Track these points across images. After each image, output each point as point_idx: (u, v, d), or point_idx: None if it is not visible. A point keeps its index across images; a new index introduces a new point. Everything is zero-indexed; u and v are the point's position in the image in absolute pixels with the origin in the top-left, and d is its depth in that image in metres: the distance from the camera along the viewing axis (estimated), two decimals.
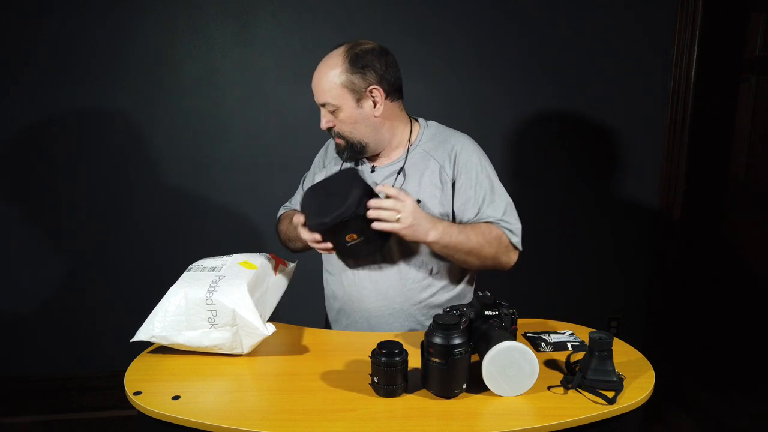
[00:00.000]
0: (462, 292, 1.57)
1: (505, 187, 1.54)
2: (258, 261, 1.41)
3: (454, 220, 1.49)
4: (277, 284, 1.45)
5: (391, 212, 1.31)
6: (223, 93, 2.35)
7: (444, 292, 1.53)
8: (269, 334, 1.27)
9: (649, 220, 2.64)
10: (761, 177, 2.32)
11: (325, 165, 1.63)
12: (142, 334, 1.28)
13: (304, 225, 1.39)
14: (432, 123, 1.58)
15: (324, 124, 1.47)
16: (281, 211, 1.74)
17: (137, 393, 1.16)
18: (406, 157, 1.51)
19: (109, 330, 2.43)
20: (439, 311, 1.53)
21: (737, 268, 2.47)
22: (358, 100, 1.43)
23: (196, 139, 2.36)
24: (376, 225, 1.32)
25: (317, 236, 1.37)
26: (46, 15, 2.20)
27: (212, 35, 2.30)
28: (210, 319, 1.25)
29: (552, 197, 2.56)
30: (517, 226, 1.50)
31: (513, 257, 1.51)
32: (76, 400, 2.48)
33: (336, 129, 1.47)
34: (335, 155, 1.58)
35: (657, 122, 2.54)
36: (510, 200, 1.52)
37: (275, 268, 1.45)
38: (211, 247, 2.41)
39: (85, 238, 2.38)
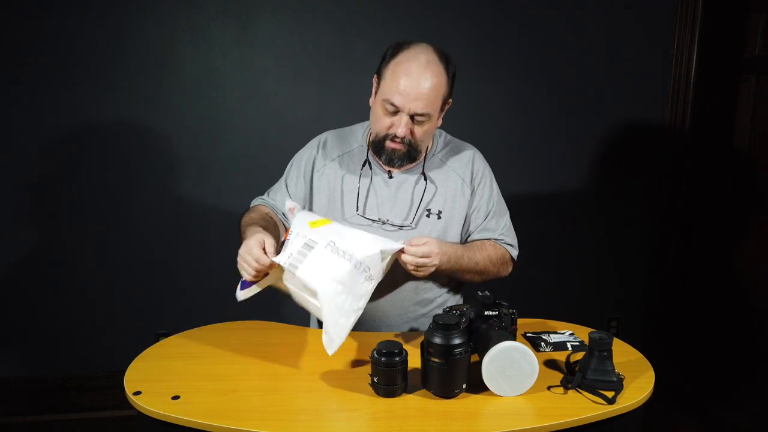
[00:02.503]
0: (451, 290, 1.59)
1: (505, 188, 1.57)
2: (319, 216, 1.38)
3: (465, 223, 1.54)
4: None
5: (424, 260, 1.32)
6: (223, 93, 2.34)
7: (435, 293, 1.54)
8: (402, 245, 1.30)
9: (649, 219, 2.64)
10: (761, 176, 2.32)
11: (334, 159, 1.54)
12: (336, 346, 1.21)
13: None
14: (441, 131, 1.60)
15: (405, 131, 1.38)
16: (257, 201, 1.63)
17: (137, 393, 1.16)
18: (425, 164, 1.51)
19: (109, 330, 2.43)
20: (431, 311, 1.54)
21: (737, 268, 2.47)
22: (441, 110, 1.43)
23: (196, 139, 2.36)
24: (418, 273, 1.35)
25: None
26: (46, 15, 2.20)
27: (212, 35, 2.30)
28: (368, 276, 1.25)
29: (552, 197, 2.56)
30: (515, 240, 1.58)
31: (509, 269, 1.59)
32: (76, 400, 2.48)
33: (411, 137, 1.40)
34: (339, 154, 1.53)
35: (657, 122, 2.54)
36: (509, 214, 1.60)
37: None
38: (211, 247, 2.42)
39: (85, 238, 2.38)
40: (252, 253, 1.24)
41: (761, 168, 2.33)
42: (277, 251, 1.28)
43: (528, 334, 1.42)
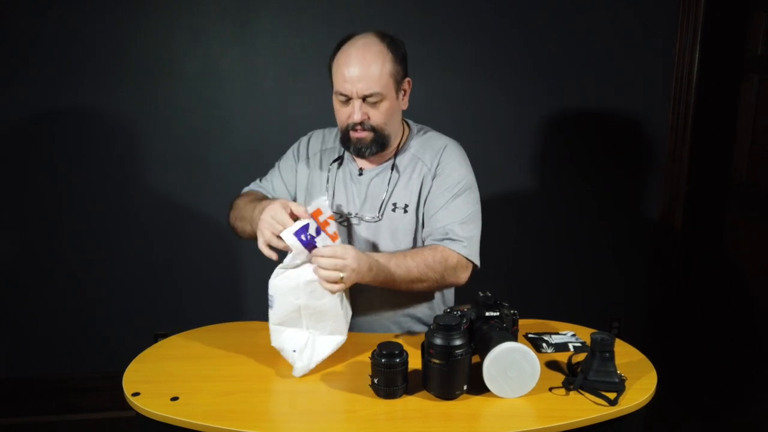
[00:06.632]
0: (439, 296, 1.56)
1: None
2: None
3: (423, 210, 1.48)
4: None
5: (333, 273, 1.21)
6: (223, 92, 2.34)
7: (422, 298, 1.52)
8: None
9: (651, 219, 2.63)
10: (763, 176, 2.31)
11: (309, 156, 1.57)
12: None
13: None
14: (422, 127, 1.57)
15: (361, 116, 1.37)
16: (246, 189, 1.64)
17: (136, 394, 1.15)
18: (396, 157, 1.48)
19: (108, 330, 2.42)
20: (421, 316, 1.53)
21: (739, 268, 2.46)
22: (397, 90, 1.41)
23: (195, 139, 2.36)
24: (326, 288, 1.23)
25: (273, 255, 1.27)
26: (45, 14, 2.20)
27: (211, 34, 2.29)
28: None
29: (553, 197, 2.55)
30: (470, 234, 1.43)
31: (463, 276, 1.44)
32: (75, 401, 2.47)
33: (371, 122, 1.38)
34: (321, 149, 1.56)
35: (659, 122, 2.54)
36: (475, 210, 1.47)
37: None
38: (210, 247, 2.42)
39: (85, 238, 2.37)
40: (277, 217, 1.23)
41: (763, 167, 2.32)
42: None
43: (529, 335, 1.41)
